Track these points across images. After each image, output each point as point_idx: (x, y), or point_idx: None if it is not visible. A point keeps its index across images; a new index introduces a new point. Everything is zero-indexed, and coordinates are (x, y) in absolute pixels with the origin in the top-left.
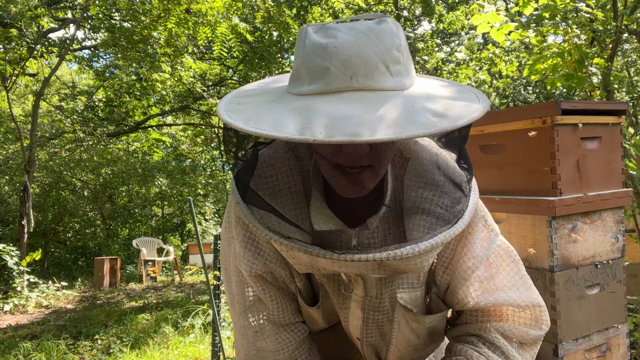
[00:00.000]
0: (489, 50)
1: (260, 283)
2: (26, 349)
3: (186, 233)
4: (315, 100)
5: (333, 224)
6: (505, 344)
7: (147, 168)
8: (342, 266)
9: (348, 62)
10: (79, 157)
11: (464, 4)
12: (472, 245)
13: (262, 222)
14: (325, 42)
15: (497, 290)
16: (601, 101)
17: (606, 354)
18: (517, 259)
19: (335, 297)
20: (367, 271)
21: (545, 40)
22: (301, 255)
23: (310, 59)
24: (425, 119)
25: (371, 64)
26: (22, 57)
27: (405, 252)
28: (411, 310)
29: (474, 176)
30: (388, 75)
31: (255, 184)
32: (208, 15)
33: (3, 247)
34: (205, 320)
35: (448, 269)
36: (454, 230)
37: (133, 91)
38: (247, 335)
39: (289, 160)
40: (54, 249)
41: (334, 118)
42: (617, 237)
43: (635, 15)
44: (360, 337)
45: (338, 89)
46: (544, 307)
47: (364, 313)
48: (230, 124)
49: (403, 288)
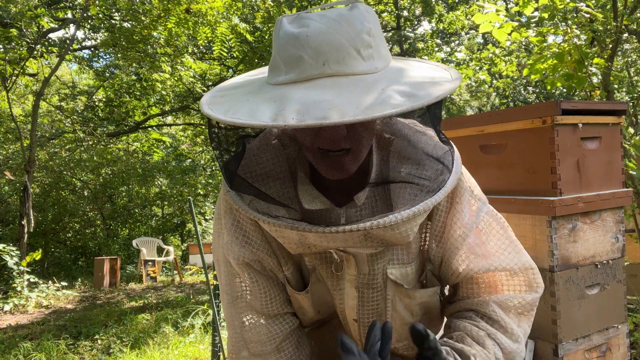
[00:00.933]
0: (489, 50)
1: (249, 272)
2: (26, 349)
3: (186, 233)
4: (290, 89)
5: (320, 203)
6: (503, 317)
7: (147, 168)
8: (330, 240)
9: (320, 50)
10: (79, 157)
11: (464, 4)
12: (460, 215)
13: (251, 205)
14: (298, 32)
15: (489, 255)
16: (601, 101)
17: (606, 354)
18: (505, 225)
19: (329, 279)
20: (355, 244)
21: (545, 40)
22: (290, 233)
23: (284, 49)
24: (393, 100)
25: (342, 50)
26: (22, 57)
27: (388, 221)
28: (402, 285)
29: (474, 177)
30: (360, 60)
31: (243, 171)
32: (208, 15)
33: (3, 247)
34: (205, 320)
35: (441, 242)
36: (435, 198)
37: (133, 91)
38: (235, 325)
39: (275, 148)
40: (54, 249)
41: (306, 104)
42: (617, 237)
43: (635, 15)
44: (357, 318)
45: (312, 76)
46: (536, 269)
47: (358, 292)
48: (209, 115)
49: (393, 264)
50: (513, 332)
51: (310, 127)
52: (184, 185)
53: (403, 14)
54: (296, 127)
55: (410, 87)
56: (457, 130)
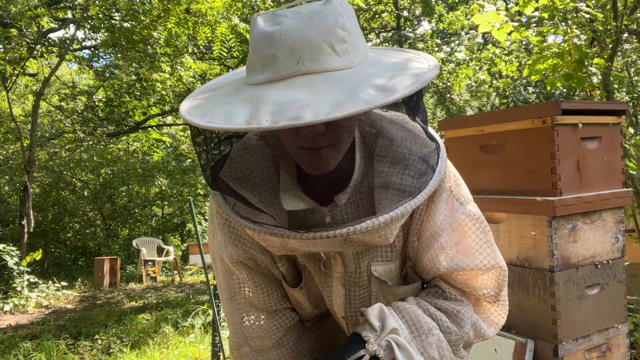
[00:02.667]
0: (489, 50)
1: (244, 270)
2: (26, 349)
3: (186, 233)
4: (265, 89)
5: (302, 203)
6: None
7: (147, 168)
8: (310, 245)
9: (293, 48)
10: (79, 157)
11: (464, 4)
12: (434, 214)
13: (234, 209)
14: (271, 30)
15: (461, 255)
16: (601, 101)
17: (606, 354)
18: (483, 226)
19: (317, 276)
20: (335, 248)
21: (545, 40)
22: (272, 238)
23: (259, 49)
24: (367, 95)
25: (316, 47)
26: (22, 57)
27: (365, 227)
28: (385, 282)
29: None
30: (334, 56)
31: (227, 173)
32: (208, 15)
33: (3, 247)
34: (205, 320)
35: (417, 242)
36: (415, 201)
37: (133, 91)
38: (235, 322)
39: (260, 148)
40: (54, 249)
41: (280, 104)
42: (617, 237)
43: (635, 15)
44: (344, 316)
45: (287, 75)
46: (505, 270)
47: (345, 289)
48: (187, 120)
49: (377, 261)
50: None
51: (283, 128)
52: (184, 185)
53: (403, 14)
54: (270, 130)
55: (386, 79)
56: (457, 130)
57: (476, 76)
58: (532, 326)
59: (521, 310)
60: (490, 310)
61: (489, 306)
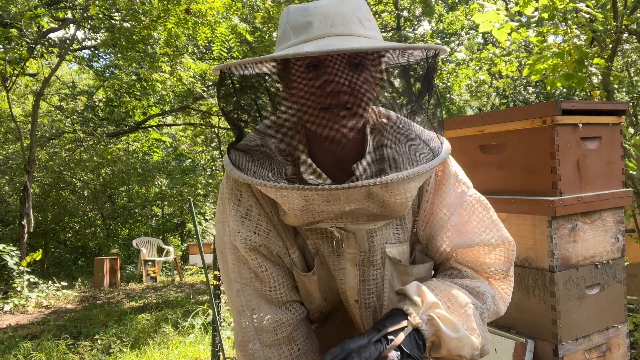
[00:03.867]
0: (489, 50)
1: (256, 257)
2: (26, 349)
3: (186, 233)
4: (301, 45)
5: (321, 178)
6: (465, 269)
7: (147, 168)
8: (334, 201)
9: (327, 15)
10: (79, 157)
11: (463, 4)
12: (445, 195)
13: (255, 176)
14: (307, 5)
15: (470, 233)
16: (601, 101)
17: (606, 354)
18: (488, 206)
19: (331, 258)
20: (357, 205)
21: (545, 40)
22: (294, 198)
23: (295, 19)
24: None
25: (347, 18)
26: (22, 57)
27: (389, 178)
28: (400, 262)
29: (473, 177)
30: (361, 27)
31: (253, 146)
32: (208, 16)
33: (3, 247)
34: (205, 320)
35: (428, 223)
36: (432, 163)
37: (133, 91)
38: (245, 314)
39: (275, 134)
40: (54, 249)
41: (319, 46)
42: (617, 237)
43: (635, 15)
44: (358, 299)
45: (320, 35)
46: (513, 244)
47: (359, 270)
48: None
49: (391, 242)
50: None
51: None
52: (184, 185)
53: (403, 14)
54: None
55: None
56: (457, 130)
57: (476, 76)
58: (532, 326)
59: (521, 310)
60: (499, 287)
61: (498, 283)
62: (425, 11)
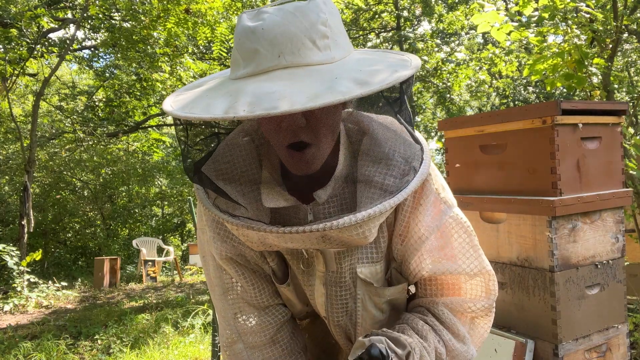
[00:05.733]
0: (489, 50)
1: (233, 266)
2: (26, 349)
3: (186, 233)
4: (246, 82)
5: (283, 201)
6: (450, 318)
7: (147, 168)
8: (288, 240)
9: (275, 42)
10: (79, 157)
11: (463, 4)
12: (422, 216)
13: (215, 203)
14: (254, 26)
15: (447, 259)
16: (601, 101)
17: (606, 354)
18: (469, 230)
19: (300, 274)
20: (314, 245)
21: (545, 40)
22: (250, 232)
23: (241, 44)
24: (344, 87)
25: (297, 41)
26: (22, 57)
27: (342, 223)
28: (371, 284)
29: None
30: (315, 50)
31: (211, 168)
32: (207, 16)
33: (3, 247)
34: (205, 320)
35: (403, 243)
36: (394, 200)
37: (133, 91)
38: (228, 317)
39: (245, 146)
40: (54, 249)
41: (258, 96)
42: (617, 237)
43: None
44: (326, 315)
45: (268, 68)
46: (493, 276)
47: (326, 289)
48: (167, 111)
49: (362, 262)
50: (459, 333)
51: (259, 117)
52: (184, 185)
53: (403, 14)
54: (245, 118)
55: (365, 75)
56: (457, 130)
57: (476, 76)
58: (532, 326)
59: (521, 310)
60: (482, 325)
61: (482, 321)
62: (425, 11)
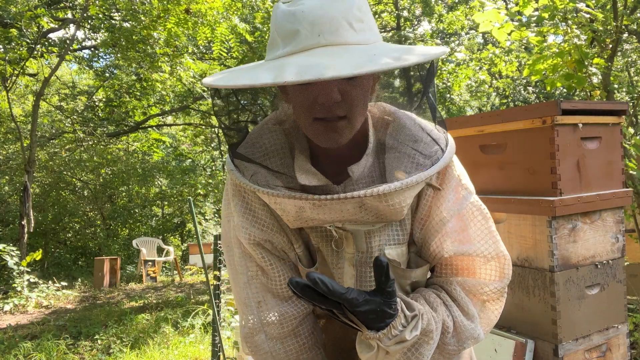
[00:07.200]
0: (489, 50)
1: (261, 251)
2: (26, 349)
3: (186, 233)
4: (288, 58)
5: (316, 180)
6: (462, 296)
7: (147, 168)
8: (326, 211)
9: (315, 22)
10: (79, 157)
11: (463, 4)
12: (444, 200)
13: (252, 180)
14: (294, 9)
15: (466, 241)
16: (601, 101)
17: (606, 354)
18: (488, 216)
19: (330, 256)
20: (350, 215)
21: (545, 40)
22: (288, 205)
23: (281, 26)
24: (384, 61)
25: (336, 23)
26: (22, 57)
27: (381, 190)
28: (399, 265)
29: (474, 177)
30: (352, 32)
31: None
32: (207, 16)
33: (3, 247)
34: (205, 320)
35: (424, 226)
36: (428, 172)
37: (133, 91)
38: (251, 306)
39: (276, 132)
40: (54, 249)
41: (304, 67)
42: (617, 237)
43: (635, 15)
44: None
45: (308, 46)
46: (509, 260)
47: (356, 270)
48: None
49: (390, 244)
50: (468, 312)
51: (309, 81)
52: (184, 185)
53: (403, 14)
54: (296, 83)
55: (400, 52)
56: (457, 130)
57: (476, 76)
58: (532, 326)
59: (521, 310)
60: (492, 309)
61: (493, 305)
62: (425, 11)
